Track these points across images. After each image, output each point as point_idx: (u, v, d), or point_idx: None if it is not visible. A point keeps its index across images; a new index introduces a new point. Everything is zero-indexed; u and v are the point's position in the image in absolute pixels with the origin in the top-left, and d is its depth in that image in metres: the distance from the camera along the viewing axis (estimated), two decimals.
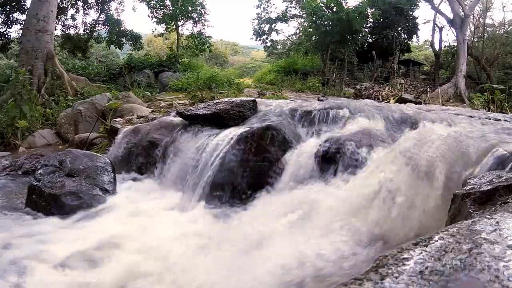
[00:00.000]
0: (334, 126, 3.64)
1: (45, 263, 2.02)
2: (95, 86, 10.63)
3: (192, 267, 1.98)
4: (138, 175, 3.83)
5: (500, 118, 3.89)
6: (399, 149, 2.40)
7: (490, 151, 2.11)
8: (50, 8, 9.29)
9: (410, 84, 19.14)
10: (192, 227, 2.63)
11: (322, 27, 16.50)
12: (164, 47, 23.83)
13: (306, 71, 17.22)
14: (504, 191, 1.47)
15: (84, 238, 2.34)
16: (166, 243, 2.29)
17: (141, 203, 3.08)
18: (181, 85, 10.24)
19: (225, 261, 1.96)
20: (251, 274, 1.74)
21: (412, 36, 22.70)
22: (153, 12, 16.99)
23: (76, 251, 2.15)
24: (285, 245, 2.00)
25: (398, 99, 8.64)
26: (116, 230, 2.47)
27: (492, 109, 7.65)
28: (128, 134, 4.24)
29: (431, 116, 3.73)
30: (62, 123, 6.36)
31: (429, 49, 26.66)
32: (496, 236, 0.89)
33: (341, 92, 14.18)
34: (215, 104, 4.05)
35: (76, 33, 16.36)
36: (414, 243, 0.87)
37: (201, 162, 3.33)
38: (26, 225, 2.61)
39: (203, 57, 21.91)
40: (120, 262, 2.06)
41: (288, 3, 22.78)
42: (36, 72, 8.81)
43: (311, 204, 2.51)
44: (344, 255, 1.81)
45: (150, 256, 2.14)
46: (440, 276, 0.72)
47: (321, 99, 6.92)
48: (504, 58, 21.95)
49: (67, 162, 3.16)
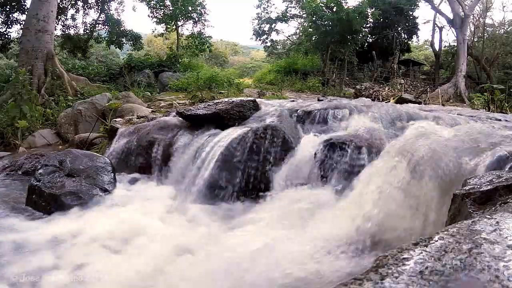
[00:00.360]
0: (334, 126, 3.64)
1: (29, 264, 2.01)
2: (95, 86, 10.64)
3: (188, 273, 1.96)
4: (138, 175, 3.83)
5: (500, 118, 3.89)
6: (399, 149, 2.40)
7: (490, 151, 2.11)
8: (50, 8, 9.29)
9: (410, 84, 19.16)
10: (192, 227, 2.63)
11: (322, 27, 16.52)
12: (164, 47, 23.85)
13: (306, 71, 17.23)
14: (504, 191, 1.47)
15: (82, 238, 2.33)
16: (164, 244, 2.28)
17: (141, 203, 3.08)
18: (181, 85, 10.25)
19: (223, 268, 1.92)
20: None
21: (412, 36, 22.73)
22: (153, 12, 17.02)
23: (71, 252, 2.15)
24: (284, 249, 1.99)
25: (398, 99, 8.64)
26: (116, 230, 2.47)
27: (492, 109, 7.65)
28: (128, 134, 4.24)
29: (431, 116, 3.73)
30: (62, 123, 6.36)
31: (429, 49, 26.68)
32: (496, 236, 0.89)
33: (341, 92, 14.20)
34: (215, 104, 4.05)
35: (76, 33, 16.37)
36: (414, 243, 0.87)
37: (201, 162, 3.33)
38: (26, 224, 2.60)
39: (203, 57, 21.93)
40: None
41: (288, 3, 22.82)
42: (36, 72, 8.81)
43: (311, 204, 2.51)
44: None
45: (148, 257, 2.13)
46: (440, 276, 0.72)
47: (321, 99, 6.92)
48: (504, 58, 21.97)
49: (67, 162, 3.16)
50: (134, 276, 1.89)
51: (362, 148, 2.84)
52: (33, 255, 2.12)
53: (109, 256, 2.16)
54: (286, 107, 4.24)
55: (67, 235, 2.40)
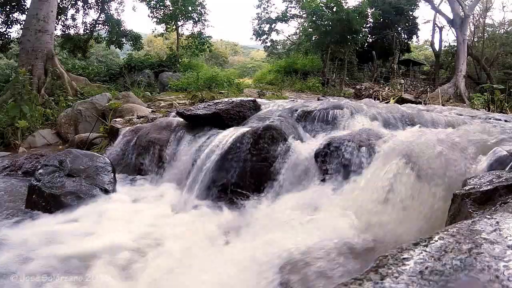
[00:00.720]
0: (334, 126, 3.64)
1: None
2: (95, 86, 10.64)
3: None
4: (138, 175, 3.83)
5: (500, 118, 3.89)
6: (399, 148, 2.40)
7: (490, 151, 2.11)
8: (50, 8, 9.30)
9: (410, 84, 19.15)
10: (191, 228, 2.62)
11: (322, 27, 16.52)
12: (164, 47, 23.85)
13: (306, 71, 17.24)
14: (504, 191, 1.47)
15: (81, 238, 2.33)
16: (164, 244, 2.28)
17: (141, 203, 3.08)
18: (181, 85, 10.26)
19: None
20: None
21: (412, 36, 22.74)
22: (153, 12, 17.01)
23: (71, 253, 2.15)
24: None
25: (398, 99, 8.65)
26: (115, 231, 2.47)
27: (492, 109, 7.65)
28: (128, 134, 4.24)
29: (431, 116, 3.73)
30: (62, 123, 6.36)
31: (429, 49, 26.68)
32: (496, 236, 0.89)
33: (341, 92, 14.19)
34: (215, 104, 4.05)
35: (76, 33, 16.38)
36: (414, 243, 0.87)
37: (201, 162, 3.32)
38: (25, 224, 2.60)
39: (203, 57, 21.94)
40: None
41: (288, 3, 22.83)
42: (36, 72, 8.82)
43: (312, 205, 2.51)
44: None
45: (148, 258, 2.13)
46: (440, 276, 0.72)
47: (321, 99, 6.93)
48: (504, 58, 21.97)
49: (67, 162, 3.16)
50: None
51: (361, 148, 2.84)
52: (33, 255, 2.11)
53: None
54: (286, 107, 4.24)
55: (67, 235, 2.40)
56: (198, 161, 3.37)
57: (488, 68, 20.39)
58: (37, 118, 6.57)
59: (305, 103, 4.56)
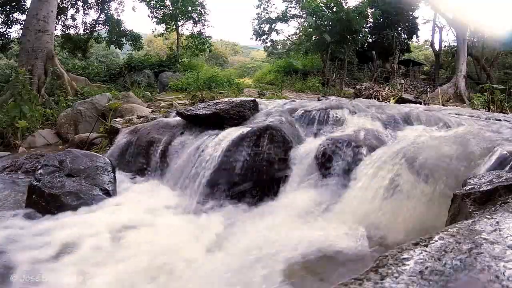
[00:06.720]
0: (334, 126, 3.64)
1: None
2: (95, 86, 10.65)
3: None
4: (138, 175, 3.83)
5: (500, 118, 3.88)
6: (399, 148, 2.40)
7: (490, 151, 2.11)
8: (50, 8, 9.30)
9: (410, 84, 19.16)
10: (190, 227, 2.62)
11: (322, 27, 16.51)
12: (164, 47, 23.86)
13: (306, 71, 17.24)
14: (504, 191, 1.47)
15: (81, 239, 2.33)
16: (163, 245, 2.28)
17: (141, 203, 3.08)
18: (181, 85, 10.26)
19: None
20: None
21: (412, 36, 22.74)
22: (153, 12, 17.03)
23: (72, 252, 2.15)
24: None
25: (398, 99, 8.63)
26: (115, 231, 2.47)
27: (492, 109, 7.64)
28: (128, 134, 4.23)
29: (431, 116, 3.73)
30: (62, 123, 6.36)
31: (429, 49, 26.66)
32: (496, 236, 0.89)
33: (341, 92, 14.20)
34: (215, 104, 4.05)
35: (76, 33, 16.40)
36: (414, 243, 0.87)
37: (201, 162, 3.32)
38: (25, 224, 2.60)
39: (203, 57, 21.94)
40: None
41: (288, 3, 22.82)
42: (36, 72, 8.82)
43: (312, 206, 2.51)
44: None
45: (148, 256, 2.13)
46: (440, 276, 0.72)
47: (321, 99, 6.92)
48: (504, 58, 21.96)
49: (67, 162, 3.16)
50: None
51: (361, 147, 2.84)
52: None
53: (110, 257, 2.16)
54: (286, 107, 4.24)
55: (67, 236, 2.40)
56: (198, 161, 3.37)
57: (488, 68, 20.39)
58: (37, 118, 6.57)
59: (305, 103, 4.55)
